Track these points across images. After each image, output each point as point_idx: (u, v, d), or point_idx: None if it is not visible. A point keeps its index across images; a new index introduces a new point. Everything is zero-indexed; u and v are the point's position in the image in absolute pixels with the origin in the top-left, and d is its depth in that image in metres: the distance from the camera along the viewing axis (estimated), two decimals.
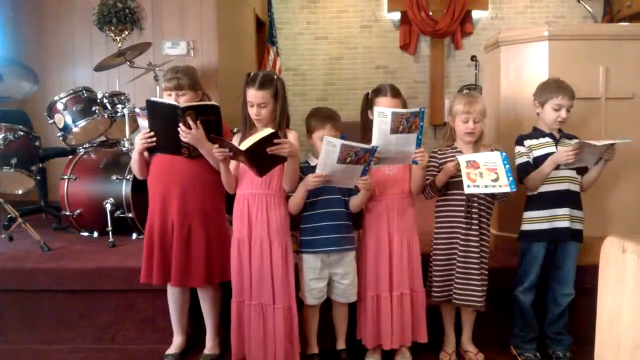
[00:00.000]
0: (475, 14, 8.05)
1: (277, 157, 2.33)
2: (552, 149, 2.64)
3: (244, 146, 2.24)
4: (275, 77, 2.55)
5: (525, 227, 2.71)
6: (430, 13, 7.89)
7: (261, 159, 2.30)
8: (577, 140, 2.60)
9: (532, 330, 2.73)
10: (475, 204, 2.60)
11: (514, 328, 2.78)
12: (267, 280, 2.48)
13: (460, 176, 2.45)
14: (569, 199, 2.64)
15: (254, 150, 2.25)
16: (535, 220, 2.67)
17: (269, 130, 2.28)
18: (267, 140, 2.26)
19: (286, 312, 2.50)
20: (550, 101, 2.60)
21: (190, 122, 2.41)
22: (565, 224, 2.62)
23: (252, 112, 2.49)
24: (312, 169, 2.48)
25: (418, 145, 2.43)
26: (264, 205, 2.49)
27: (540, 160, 2.63)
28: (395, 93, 2.61)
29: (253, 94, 2.47)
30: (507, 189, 2.43)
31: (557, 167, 2.60)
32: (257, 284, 2.49)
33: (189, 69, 2.67)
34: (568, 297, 2.67)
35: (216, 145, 2.36)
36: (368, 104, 2.64)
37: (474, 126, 2.58)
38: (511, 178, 2.43)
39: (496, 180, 2.43)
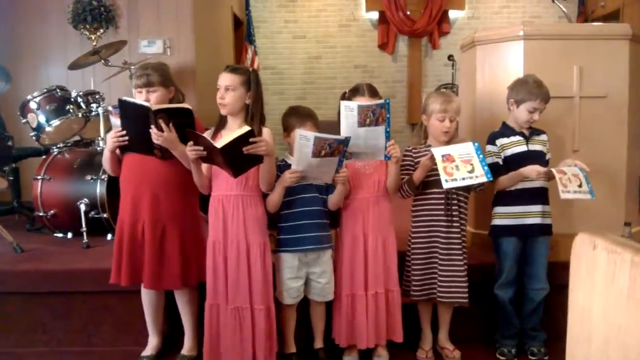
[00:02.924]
0: (452, 13, 8.11)
1: (253, 157, 2.30)
2: (523, 147, 2.68)
3: (219, 144, 2.21)
4: (251, 69, 2.53)
5: (496, 222, 2.73)
6: (408, 13, 7.92)
7: (237, 158, 2.26)
8: (547, 141, 2.71)
9: (513, 326, 2.76)
10: (455, 201, 2.62)
11: (498, 324, 2.81)
12: (243, 283, 2.45)
13: (437, 174, 2.45)
14: (542, 195, 2.68)
15: (230, 149, 2.21)
16: (505, 215, 2.70)
17: (245, 129, 2.24)
18: (243, 139, 2.22)
19: (266, 312, 2.48)
20: (527, 103, 2.62)
21: (163, 125, 2.36)
22: (537, 220, 2.65)
23: (217, 95, 2.44)
24: (289, 167, 2.47)
25: (387, 138, 2.43)
26: (240, 206, 2.46)
27: (511, 159, 2.66)
28: (373, 92, 2.61)
29: (222, 76, 2.44)
30: (484, 179, 2.43)
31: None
32: (233, 288, 2.46)
33: (159, 65, 2.62)
34: (541, 292, 2.70)
35: (190, 143, 2.30)
36: None
37: (449, 125, 2.59)
38: (486, 167, 2.44)
39: (472, 171, 2.43)
